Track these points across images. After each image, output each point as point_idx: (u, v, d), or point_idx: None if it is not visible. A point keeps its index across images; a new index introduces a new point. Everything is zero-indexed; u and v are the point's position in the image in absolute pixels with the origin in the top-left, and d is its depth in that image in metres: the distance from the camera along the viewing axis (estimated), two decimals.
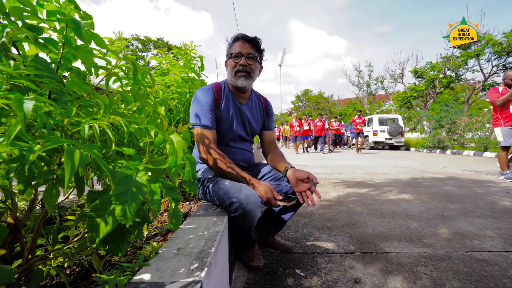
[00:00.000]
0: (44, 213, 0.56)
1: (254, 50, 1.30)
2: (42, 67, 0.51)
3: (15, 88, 0.49)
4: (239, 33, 1.30)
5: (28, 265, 0.55)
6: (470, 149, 9.20)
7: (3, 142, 0.38)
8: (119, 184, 0.47)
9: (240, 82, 1.29)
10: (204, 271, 0.63)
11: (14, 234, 0.56)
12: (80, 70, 0.64)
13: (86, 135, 0.46)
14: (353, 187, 3.30)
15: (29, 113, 0.36)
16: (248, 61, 1.28)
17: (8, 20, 0.51)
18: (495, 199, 2.58)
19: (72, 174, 0.39)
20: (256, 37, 1.30)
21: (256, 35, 1.31)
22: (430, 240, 1.58)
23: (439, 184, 3.44)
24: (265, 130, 1.53)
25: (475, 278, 1.17)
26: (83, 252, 0.71)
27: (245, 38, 1.28)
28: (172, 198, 0.59)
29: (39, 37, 0.56)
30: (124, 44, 0.98)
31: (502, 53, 13.03)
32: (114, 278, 0.59)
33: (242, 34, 1.29)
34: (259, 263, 1.26)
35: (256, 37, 1.30)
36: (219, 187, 1.15)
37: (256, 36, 1.31)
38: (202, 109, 1.25)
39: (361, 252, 1.43)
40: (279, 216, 1.41)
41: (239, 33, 1.30)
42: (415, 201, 2.54)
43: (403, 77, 21.46)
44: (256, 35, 1.31)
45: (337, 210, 2.26)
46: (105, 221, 0.48)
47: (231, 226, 1.13)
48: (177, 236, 0.86)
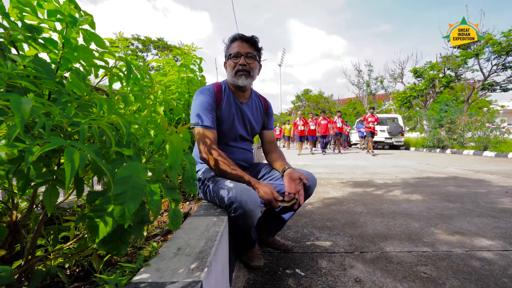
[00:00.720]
0: (44, 213, 0.56)
1: (253, 49, 1.30)
2: (41, 68, 0.51)
3: (16, 89, 0.49)
4: (236, 33, 1.31)
5: (28, 265, 0.55)
6: (470, 148, 9.20)
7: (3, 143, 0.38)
8: (119, 184, 0.47)
9: (241, 82, 1.29)
10: (204, 271, 0.63)
11: (14, 235, 0.56)
12: (79, 70, 0.64)
13: (85, 135, 0.46)
14: (353, 186, 3.30)
15: (27, 114, 0.36)
16: (247, 60, 1.28)
17: (8, 20, 0.51)
18: (495, 199, 2.58)
19: (72, 174, 0.39)
20: (253, 36, 1.31)
21: (253, 34, 1.31)
22: (430, 240, 1.59)
23: (439, 183, 3.44)
24: (265, 130, 1.53)
25: (475, 277, 1.17)
26: (83, 253, 0.71)
27: (243, 37, 1.29)
28: (172, 199, 0.59)
29: (39, 37, 0.56)
30: (125, 44, 0.98)
31: (502, 53, 13.03)
32: (114, 278, 0.59)
33: (239, 34, 1.30)
34: (259, 263, 1.26)
35: (253, 36, 1.31)
36: (219, 187, 1.15)
37: (253, 35, 1.31)
38: (203, 109, 1.25)
39: (361, 252, 1.44)
40: (279, 216, 1.41)
41: (236, 34, 1.31)
42: (415, 201, 2.54)
43: (403, 76, 21.46)
44: (253, 34, 1.31)
45: (337, 209, 2.26)
46: (104, 221, 0.48)
47: (231, 226, 1.13)
48: (177, 236, 0.86)
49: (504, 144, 8.35)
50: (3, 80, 0.43)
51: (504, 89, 14.63)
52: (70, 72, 0.61)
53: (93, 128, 0.48)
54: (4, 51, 0.51)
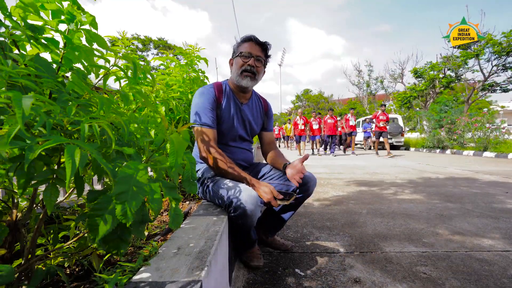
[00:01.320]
0: (44, 212, 0.56)
1: (263, 54, 1.33)
2: (42, 67, 0.51)
3: (16, 88, 0.49)
4: (251, 34, 1.32)
5: (28, 264, 0.55)
6: (470, 149, 9.20)
7: (3, 141, 0.38)
8: (120, 184, 0.47)
9: (245, 82, 1.30)
10: (204, 271, 0.63)
11: (14, 234, 0.56)
12: (80, 70, 0.64)
13: (86, 134, 0.46)
14: (353, 186, 3.30)
15: (27, 110, 0.36)
16: (256, 63, 1.30)
17: (10, 20, 0.51)
18: (495, 199, 2.58)
19: (73, 173, 0.39)
20: (267, 42, 1.33)
21: (266, 40, 1.33)
22: (430, 240, 1.59)
23: (439, 184, 3.44)
24: (264, 131, 1.53)
25: (474, 278, 1.17)
26: (83, 252, 0.71)
27: (257, 40, 1.31)
28: (172, 198, 0.59)
29: (41, 37, 0.56)
30: (127, 44, 0.98)
31: (502, 53, 13.02)
32: (114, 277, 0.59)
33: (254, 36, 1.32)
34: (259, 262, 1.26)
35: (266, 41, 1.33)
36: (219, 187, 1.15)
37: (267, 41, 1.33)
38: (203, 108, 1.25)
39: (361, 252, 1.44)
40: (279, 216, 1.41)
41: (251, 35, 1.32)
42: (414, 201, 2.54)
43: (403, 77, 21.45)
44: (266, 40, 1.33)
45: (337, 209, 2.26)
46: (104, 220, 0.48)
47: (231, 225, 1.13)
48: (177, 236, 0.86)
49: (504, 144, 8.35)
50: (4, 79, 0.43)
51: (504, 89, 14.62)
52: (72, 71, 0.61)
53: (93, 127, 0.48)
54: (5, 50, 0.51)
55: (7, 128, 0.43)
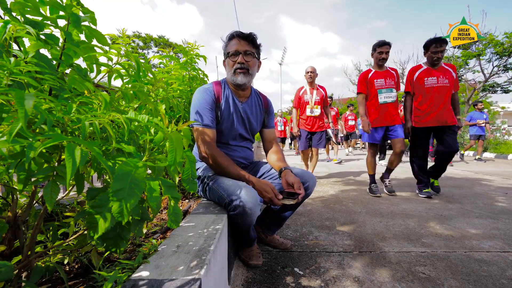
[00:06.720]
0: (44, 209, 0.56)
1: (251, 46, 1.29)
2: (43, 64, 0.51)
3: (16, 84, 0.49)
4: (234, 31, 1.29)
5: (27, 261, 0.55)
6: (470, 149, 9.19)
7: (4, 138, 0.38)
8: (118, 181, 0.47)
9: (240, 79, 1.28)
10: (203, 269, 0.63)
11: (13, 231, 0.56)
12: (81, 67, 0.63)
13: (86, 132, 0.46)
14: (353, 186, 3.30)
15: (30, 110, 0.36)
16: (246, 58, 1.27)
17: (10, 15, 0.51)
18: (494, 200, 2.58)
19: (73, 171, 0.39)
20: (252, 33, 1.29)
21: (251, 31, 1.29)
22: (429, 240, 1.59)
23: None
24: (265, 128, 1.53)
25: (473, 278, 1.17)
26: (83, 249, 0.72)
27: (240, 35, 1.27)
28: (171, 196, 0.59)
29: (41, 33, 0.56)
30: (127, 41, 0.98)
31: (504, 53, 12.99)
32: (113, 275, 0.59)
33: (237, 32, 1.28)
34: (258, 261, 1.26)
35: (251, 33, 1.29)
36: (218, 185, 1.15)
37: (251, 32, 1.29)
38: (202, 108, 1.25)
39: (360, 251, 1.44)
40: (279, 215, 1.41)
41: (234, 31, 1.29)
42: (414, 201, 2.54)
43: (403, 77, 21.44)
44: (251, 31, 1.29)
45: (336, 209, 2.27)
46: (104, 217, 0.48)
47: (230, 224, 1.13)
48: (176, 234, 0.86)
49: (504, 145, 8.35)
50: (6, 75, 0.43)
51: (505, 90, 14.61)
52: (72, 68, 0.61)
53: (94, 125, 0.48)
54: (9, 47, 0.51)
55: (7, 124, 0.43)
